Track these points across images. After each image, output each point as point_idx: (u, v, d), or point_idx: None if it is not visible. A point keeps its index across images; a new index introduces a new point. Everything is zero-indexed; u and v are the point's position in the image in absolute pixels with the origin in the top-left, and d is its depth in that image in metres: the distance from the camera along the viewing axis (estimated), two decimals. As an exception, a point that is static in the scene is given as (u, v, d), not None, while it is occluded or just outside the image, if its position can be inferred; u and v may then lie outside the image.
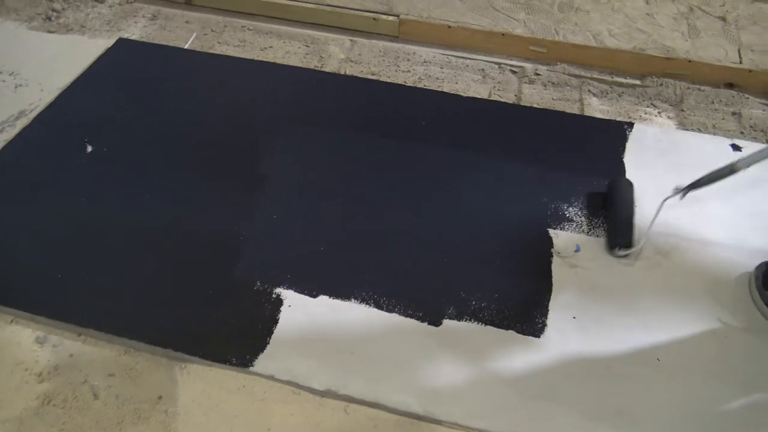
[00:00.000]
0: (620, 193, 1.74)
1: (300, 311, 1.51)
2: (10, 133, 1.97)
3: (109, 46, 2.33)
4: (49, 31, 2.43)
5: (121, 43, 2.35)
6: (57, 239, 1.67)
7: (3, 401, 1.37)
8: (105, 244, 1.66)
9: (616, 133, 2.00)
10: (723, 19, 2.41)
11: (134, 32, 2.45)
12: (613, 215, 1.70)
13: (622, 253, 1.62)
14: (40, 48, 2.34)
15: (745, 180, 1.84)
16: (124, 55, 2.29)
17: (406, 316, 1.51)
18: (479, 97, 2.17)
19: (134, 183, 1.82)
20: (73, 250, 1.64)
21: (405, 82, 2.24)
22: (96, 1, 2.58)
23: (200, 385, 1.40)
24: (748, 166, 1.48)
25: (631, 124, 2.03)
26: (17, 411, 1.35)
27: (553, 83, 2.26)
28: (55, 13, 2.50)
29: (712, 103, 2.17)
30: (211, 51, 2.36)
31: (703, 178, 1.57)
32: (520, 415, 1.34)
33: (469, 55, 2.36)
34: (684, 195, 1.61)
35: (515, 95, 2.21)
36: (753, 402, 1.37)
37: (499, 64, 2.33)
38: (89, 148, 1.91)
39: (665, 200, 1.63)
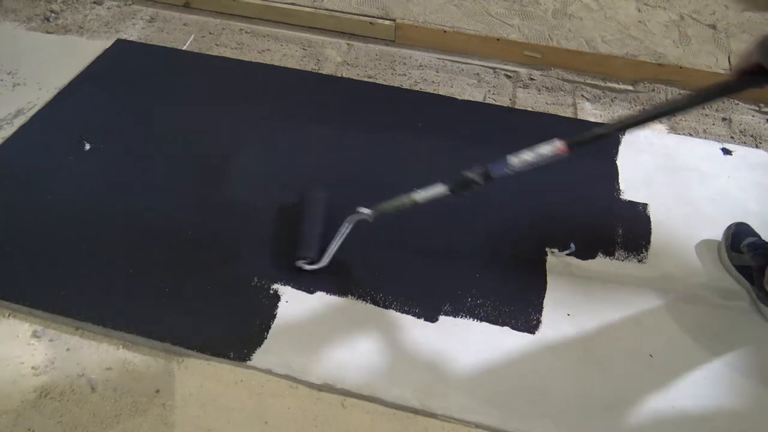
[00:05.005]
0: (309, 206, 1.70)
1: (297, 307, 1.53)
2: (8, 131, 1.98)
3: (107, 46, 2.34)
4: (48, 32, 2.44)
5: (119, 44, 2.37)
6: (55, 235, 1.67)
7: (0, 394, 1.37)
8: (102, 239, 1.67)
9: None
10: (713, 27, 2.46)
11: (132, 34, 2.46)
12: (300, 228, 1.65)
13: (306, 267, 1.58)
14: (39, 48, 2.35)
15: (734, 183, 1.88)
16: (122, 56, 2.31)
17: (403, 312, 1.53)
18: (474, 100, 2.20)
19: (132, 180, 1.83)
20: (70, 246, 1.65)
21: (401, 85, 2.26)
22: (94, 3, 2.60)
23: (198, 378, 1.41)
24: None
25: (623, 128, 2.06)
26: (14, 404, 1.36)
27: (547, 88, 2.29)
28: (53, 14, 2.52)
29: (703, 108, 2.21)
30: (208, 53, 2.37)
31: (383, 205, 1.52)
32: (514, 410, 1.36)
33: (464, 60, 2.39)
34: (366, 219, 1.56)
35: (510, 99, 2.24)
36: (745, 399, 1.39)
37: (493, 68, 2.36)
38: (87, 146, 1.92)
39: (349, 219, 1.57)
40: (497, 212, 1.77)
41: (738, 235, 1.64)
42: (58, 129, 1.99)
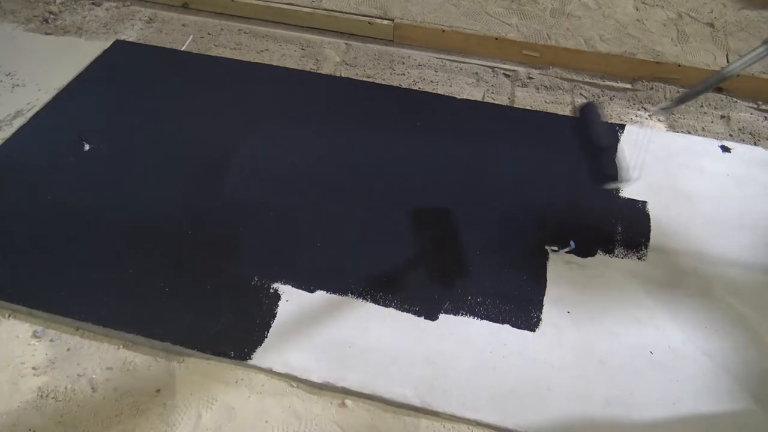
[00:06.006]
0: (593, 121, 1.54)
1: (297, 306, 1.53)
2: (7, 132, 1.98)
3: (106, 47, 2.34)
4: (46, 33, 2.44)
5: (118, 44, 2.37)
6: (55, 235, 1.67)
7: (0, 395, 1.37)
8: (102, 239, 1.67)
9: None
10: (711, 25, 2.46)
11: (131, 35, 2.46)
12: (593, 147, 1.50)
13: (613, 185, 1.49)
14: (37, 49, 2.35)
15: (733, 180, 1.88)
16: (121, 57, 2.31)
17: (403, 310, 1.53)
18: (473, 99, 2.20)
19: (131, 180, 1.83)
20: (70, 246, 1.65)
21: (400, 84, 2.27)
22: (93, 4, 2.59)
23: (198, 378, 1.41)
24: (737, 71, 1.38)
25: (622, 126, 2.07)
26: (15, 404, 1.36)
27: (545, 87, 2.29)
28: (52, 16, 2.52)
29: (702, 106, 2.21)
30: (207, 53, 2.37)
31: (691, 90, 1.49)
32: (514, 407, 1.36)
33: (462, 59, 2.39)
34: (670, 109, 1.52)
35: (508, 98, 2.24)
36: (745, 396, 1.39)
37: (492, 67, 2.36)
38: (86, 147, 1.92)
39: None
40: (496, 211, 1.77)
41: None
42: (58, 130, 1.99)
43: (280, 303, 1.53)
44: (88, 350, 1.46)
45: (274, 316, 1.51)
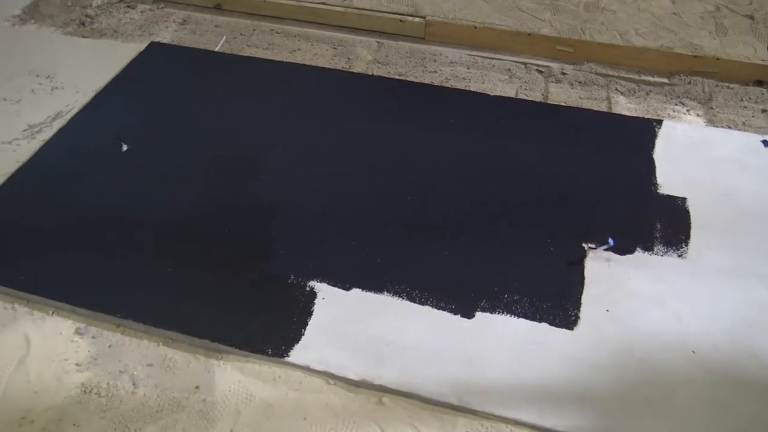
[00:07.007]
0: None
1: (334, 303, 1.53)
2: (48, 134, 2.03)
3: (142, 49, 2.38)
4: (83, 36, 2.49)
5: (153, 46, 2.40)
6: (95, 234, 1.70)
7: (46, 390, 1.40)
8: (141, 239, 1.69)
9: (645, 130, 2.00)
10: (751, 17, 2.40)
11: (165, 36, 2.50)
12: None
13: None
14: (75, 52, 2.40)
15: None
16: (156, 58, 2.34)
17: (439, 308, 1.52)
18: (506, 96, 2.18)
19: (168, 180, 1.86)
20: (110, 245, 1.67)
21: (432, 82, 2.26)
22: (128, 7, 2.64)
23: (237, 375, 1.42)
24: None
25: (660, 122, 2.03)
26: (59, 399, 1.38)
27: (580, 82, 2.26)
28: (88, 19, 2.56)
29: (741, 100, 2.16)
30: (240, 54, 2.40)
31: None
32: (553, 406, 1.34)
33: (495, 56, 2.38)
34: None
35: (542, 94, 2.22)
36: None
37: (525, 63, 2.34)
38: (124, 147, 1.95)
39: None
40: (533, 208, 1.76)
41: None
42: (96, 131, 2.03)
43: (316, 301, 1.54)
44: (129, 347, 1.48)
45: (310, 314, 1.51)
